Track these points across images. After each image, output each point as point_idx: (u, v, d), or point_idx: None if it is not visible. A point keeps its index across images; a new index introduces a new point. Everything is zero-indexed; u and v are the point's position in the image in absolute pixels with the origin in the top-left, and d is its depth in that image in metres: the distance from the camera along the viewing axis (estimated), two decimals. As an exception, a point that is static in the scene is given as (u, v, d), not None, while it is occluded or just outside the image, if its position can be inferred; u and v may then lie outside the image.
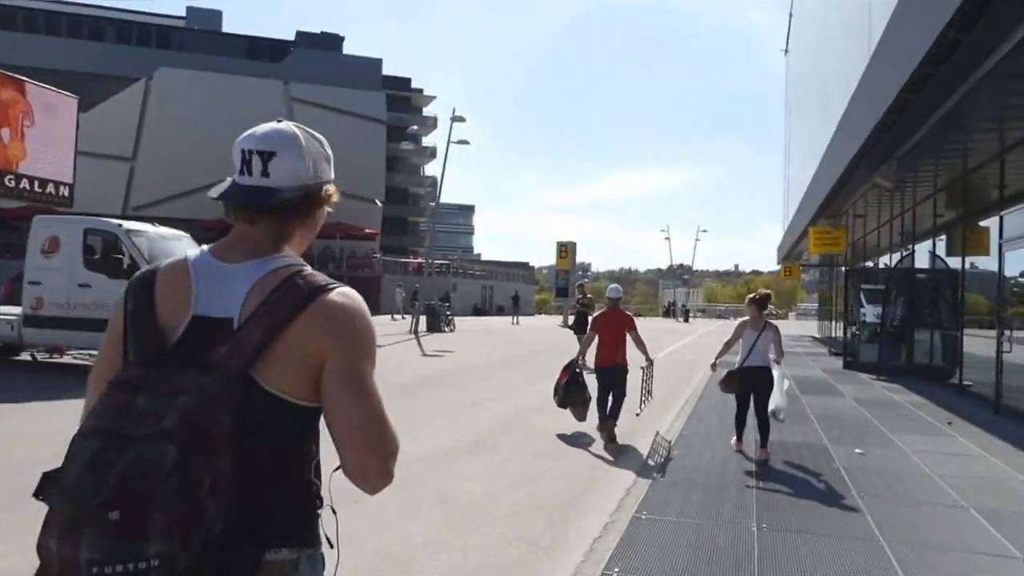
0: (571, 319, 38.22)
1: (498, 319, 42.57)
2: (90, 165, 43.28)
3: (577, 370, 8.47)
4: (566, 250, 39.69)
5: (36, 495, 1.14)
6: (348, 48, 57.62)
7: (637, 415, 9.05)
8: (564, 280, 40.17)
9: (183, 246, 12.55)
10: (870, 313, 17.47)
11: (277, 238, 1.40)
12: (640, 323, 9.13)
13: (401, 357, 16.76)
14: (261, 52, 51.83)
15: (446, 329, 27.35)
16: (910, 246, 17.41)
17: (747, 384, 7.22)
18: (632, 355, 8.36)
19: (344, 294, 1.34)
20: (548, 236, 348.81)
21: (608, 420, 8.01)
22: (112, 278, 11.22)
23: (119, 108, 43.89)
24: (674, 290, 77.04)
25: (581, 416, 8.34)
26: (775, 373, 7.13)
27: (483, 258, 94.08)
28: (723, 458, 7.18)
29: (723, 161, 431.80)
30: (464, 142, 27.69)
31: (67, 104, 15.03)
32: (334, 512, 1.40)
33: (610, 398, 8.13)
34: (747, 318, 7.38)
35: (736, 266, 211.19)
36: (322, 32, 55.62)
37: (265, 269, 1.34)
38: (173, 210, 43.76)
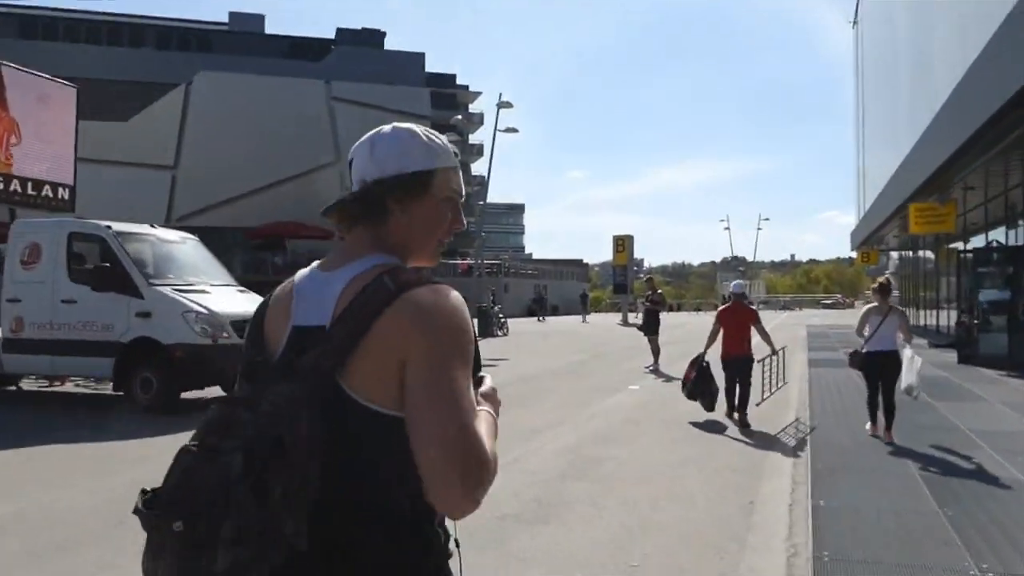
0: (632, 316, 36.85)
1: (554, 320, 40.44)
2: (132, 175, 42.70)
3: (704, 364, 8.80)
4: (623, 244, 37.30)
5: (134, 511, 1.11)
6: (390, 44, 56.16)
7: (757, 405, 9.33)
8: (622, 276, 37.80)
9: (188, 250, 10.76)
10: (989, 299, 14.87)
11: (375, 239, 1.34)
12: (699, 318, 9.50)
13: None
14: (302, 52, 50.72)
15: (499, 333, 25.37)
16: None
17: (875, 368, 7.39)
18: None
19: (434, 290, 1.22)
20: (598, 233, 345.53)
21: (739, 409, 8.55)
22: (97, 291, 9.45)
23: (159, 116, 43.11)
24: (734, 282, 73.64)
25: (710, 407, 8.76)
26: (906, 353, 7.25)
27: (534, 257, 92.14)
28: (863, 442, 7.30)
29: (774, 151, 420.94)
30: (512, 130, 25.70)
31: (64, 94, 13.38)
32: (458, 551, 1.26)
33: (737, 387, 8.64)
34: (873, 304, 7.53)
35: (792, 256, 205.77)
36: (363, 28, 54.27)
37: (358, 270, 1.27)
38: (217, 219, 42.84)
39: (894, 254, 37.05)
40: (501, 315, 26.53)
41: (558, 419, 8.76)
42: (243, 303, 10.01)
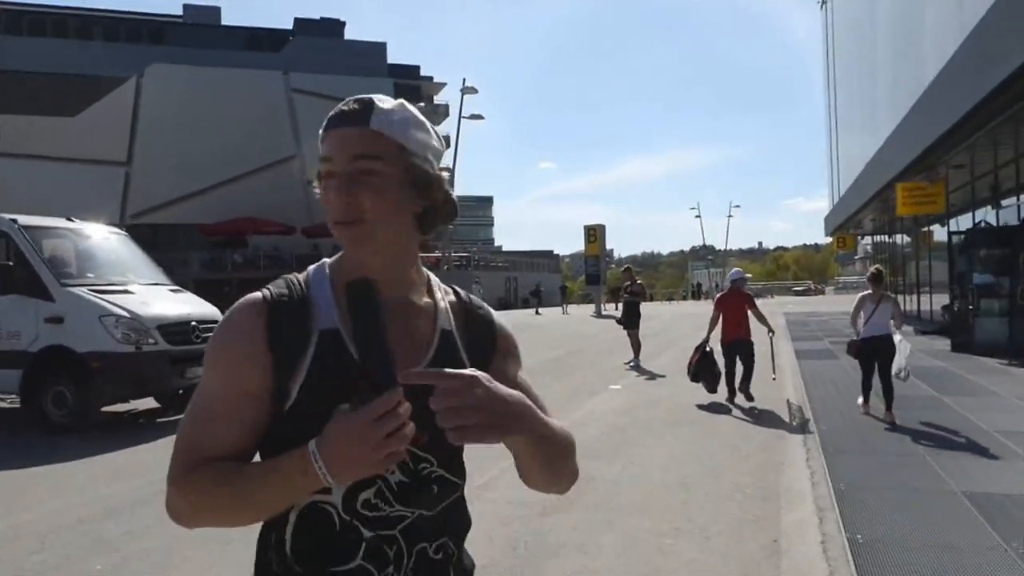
0: (604, 307, 35.96)
1: (522, 313, 39.41)
2: (84, 172, 40.82)
3: (708, 349, 9.16)
4: (595, 234, 36.29)
5: None
6: (350, 34, 54.54)
7: (773, 379, 9.71)
8: (594, 266, 36.81)
9: (112, 246, 9.53)
10: (983, 282, 14.11)
11: None
12: (673, 308, 9.21)
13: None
14: (260, 43, 48.90)
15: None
16: (1015, 199, 14.10)
17: (871, 352, 7.68)
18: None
19: None
20: (568, 224, 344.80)
21: (743, 387, 9.05)
22: (-1, 294, 8.17)
23: (110, 110, 41.21)
24: (708, 270, 73.19)
25: (712, 388, 9.18)
26: (896, 339, 7.58)
27: (504, 249, 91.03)
28: (861, 423, 7.47)
29: (739, 138, 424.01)
30: (478, 116, 24.58)
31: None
32: None
33: (740, 368, 9.13)
34: (867, 292, 7.81)
35: (760, 243, 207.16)
36: (322, 18, 52.57)
37: None
38: (174, 215, 41.13)
39: (867, 238, 36.55)
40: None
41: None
42: (175, 304, 8.81)
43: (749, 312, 9.18)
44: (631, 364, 13.07)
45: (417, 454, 1.12)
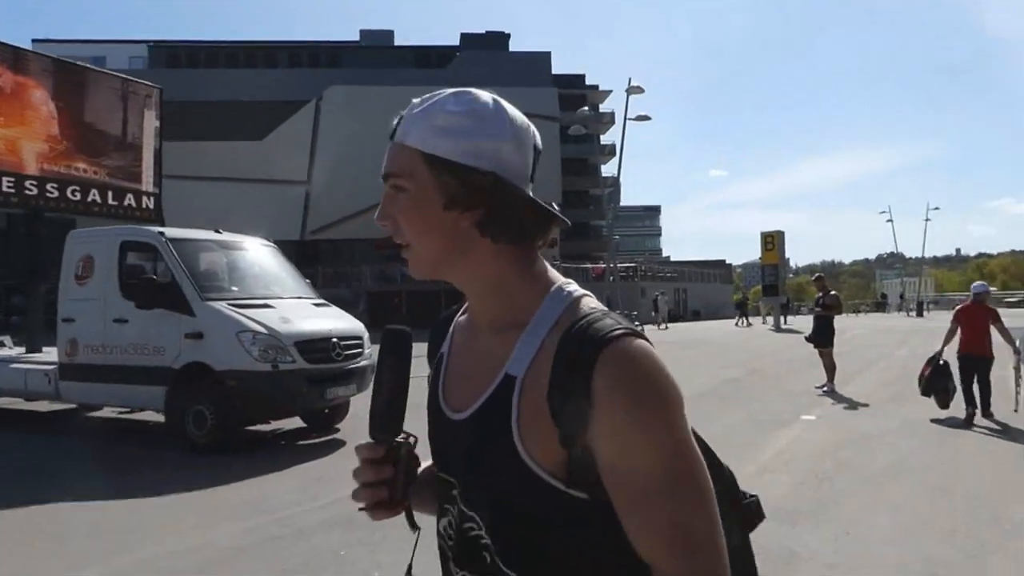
0: (784, 321, 33.18)
1: (698, 326, 37.27)
2: (270, 192, 43.70)
3: (941, 362, 8.71)
4: (773, 241, 33.60)
5: None
6: (515, 46, 54.91)
7: (1015, 411, 8.74)
8: (772, 275, 34.04)
9: (257, 258, 9.21)
10: None
11: None
12: (861, 321, 7.38)
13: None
14: (428, 60, 50.37)
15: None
16: None
17: None
18: None
19: None
20: (740, 233, 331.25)
21: (983, 407, 8.44)
22: (141, 307, 7.97)
23: (292, 132, 43.85)
24: (902, 280, 66.55)
25: (944, 404, 8.65)
26: None
27: (672, 260, 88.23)
28: None
29: (929, 138, 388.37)
30: (645, 117, 23.20)
31: (146, 95, 12.28)
32: None
33: (977, 389, 8.52)
34: None
35: (958, 250, 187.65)
36: (487, 32, 53.30)
37: None
38: (349, 231, 42.97)
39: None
40: (637, 323, 23.99)
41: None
42: (316, 320, 8.27)
43: (992, 328, 8.64)
44: (824, 389, 11.23)
45: (464, 512, 1.01)
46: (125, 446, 8.52)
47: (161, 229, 8.54)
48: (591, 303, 0.98)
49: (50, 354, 9.57)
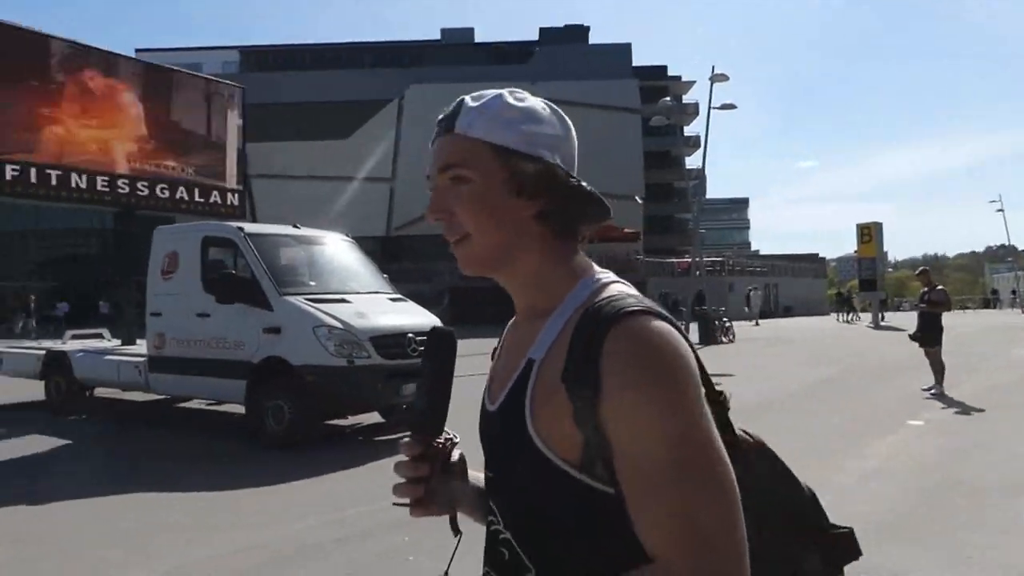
0: (883, 317, 31.50)
1: (790, 321, 35.89)
2: (356, 189, 44.62)
3: None
4: (870, 232, 31.99)
5: None
6: (595, 38, 54.29)
7: None
8: (869, 269, 32.41)
9: (334, 252, 9.20)
10: None
11: None
12: (969, 318, 6.30)
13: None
14: (508, 56, 50.32)
15: (724, 339, 22.11)
16: None
17: None
18: None
19: None
20: (831, 226, 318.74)
21: None
22: (221, 302, 8.04)
23: (376, 131, 44.56)
24: (1016, 274, 62.34)
25: None
26: None
27: (761, 253, 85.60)
28: None
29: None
30: (730, 106, 22.37)
31: (229, 95, 12.52)
32: None
33: None
34: None
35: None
36: (565, 26, 52.80)
37: None
38: (434, 227, 42.89)
39: None
40: (726, 319, 23.18)
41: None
42: (391, 315, 8.16)
43: None
44: (932, 391, 10.43)
45: (492, 508, 1.03)
46: (206, 438, 8.65)
47: (240, 224, 8.63)
48: (619, 287, 0.97)
49: (141, 347, 9.85)
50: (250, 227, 8.57)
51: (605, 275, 1.00)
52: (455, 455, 1.09)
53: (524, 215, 0.98)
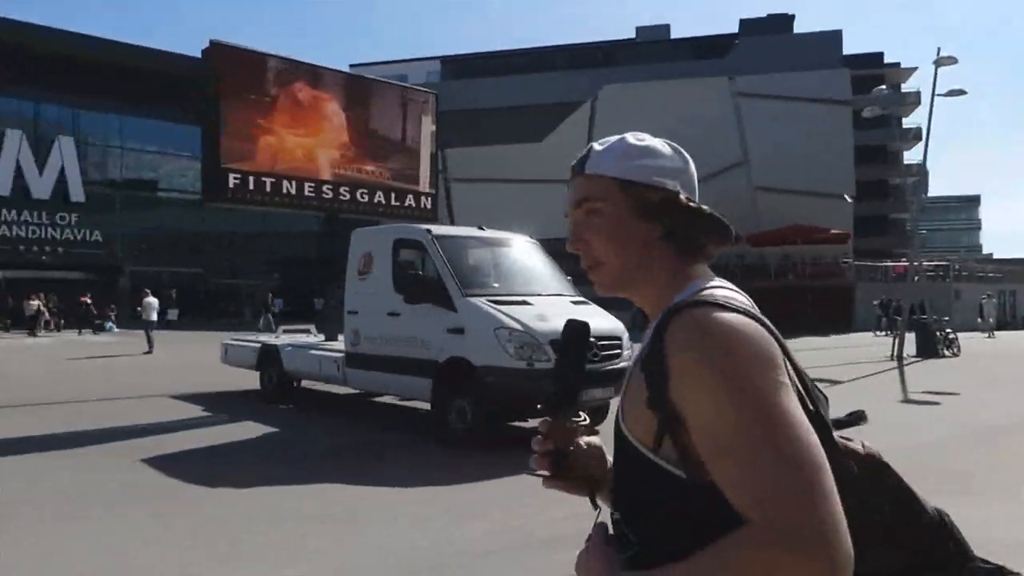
0: None
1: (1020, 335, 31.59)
2: (547, 192, 45.12)
3: None
4: None
5: None
6: (800, 27, 51.00)
7: None
8: None
9: (518, 254, 9.19)
10: None
11: None
12: None
13: (870, 400, 10.99)
14: (706, 51, 48.61)
15: (946, 353, 19.80)
16: None
17: None
18: None
19: None
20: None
21: None
22: (409, 303, 8.27)
23: (569, 133, 44.78)
24: None
25: None
26: None
27: (995, 257, 76.41)
28: None
29: None
30: (958, 92, 20.00)
31: (423, 101, 13.00)
32: None
33: None
34: None
35: None
36: (768, 15, 50.08)
37: None
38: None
39: None
40: (949, 330, 20.75)
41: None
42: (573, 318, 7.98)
43: None
44: None
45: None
46: (394, 433, 8.96)
47: (429, 227, 8.85)
48: (714, 290, 1.05)
49: (342, 343, 10.45)
50: (437, 229, 8.78)
51: (711, 281, 1.08)
52: (594, 440, 1.23)
53: (650, 238, 1.11)
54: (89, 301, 29.26)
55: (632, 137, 1.15)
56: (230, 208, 14.81)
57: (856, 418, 1.09)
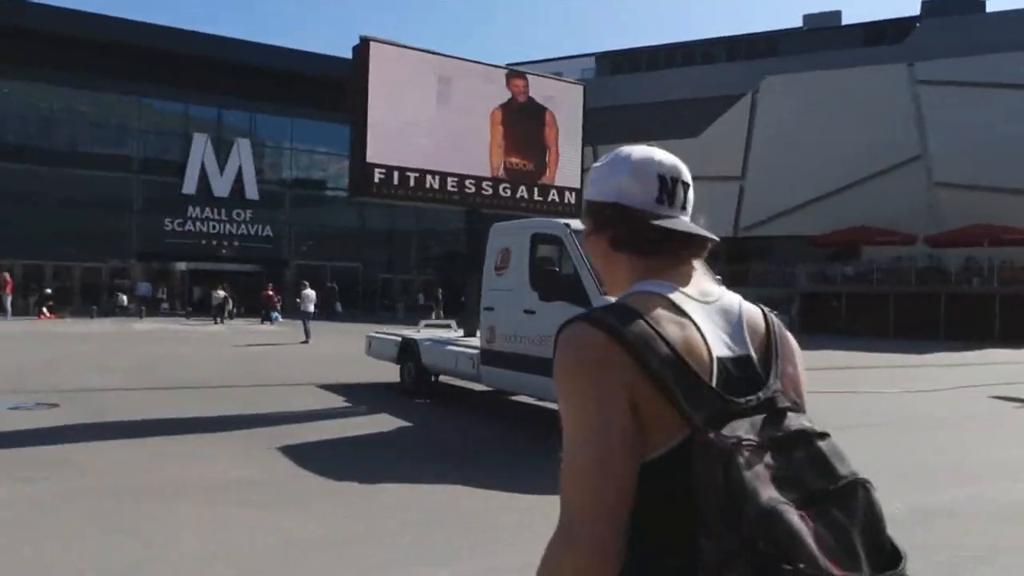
0: None
1: None
2: (704, 188, 43.20)
3: None
4: None
5: None
6: (994, 5, 46.06)
7: None
8: None
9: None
10: None
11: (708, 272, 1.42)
12: None
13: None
14: (881, 36, 45.01)
15: None
16: None
17: None
18: None
19: None
20: None
21: None
22: (543, 300, 7.92)
23: (727, 127, 43.00)
24: None
25: None
26: None
27: None
28: None
29: None
30: None
31: (571, 93, 12.63)
32: None
33: None
34: None
35: None
36: (957, -6, 45.52)
37: (739, 300, 1.33)
38: (785, 227, 40.62)
39: None
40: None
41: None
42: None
43: None
44: None
45: None
46: (530, 433, 8.66)
47: (567, 221, 8.47)
48: (626, 298, 1.24)
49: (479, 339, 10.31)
50: (577, 224, 8.36)
51: (635, 288, 1.26)
52: None
53: (602, 245, 1.33)
54: (272, 293, 31.24)
55: (604, 158, 1.34)
56: (384, 203, 15.11)
57: None
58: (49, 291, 31.74)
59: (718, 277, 5.82)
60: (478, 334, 10.75)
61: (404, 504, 5.44)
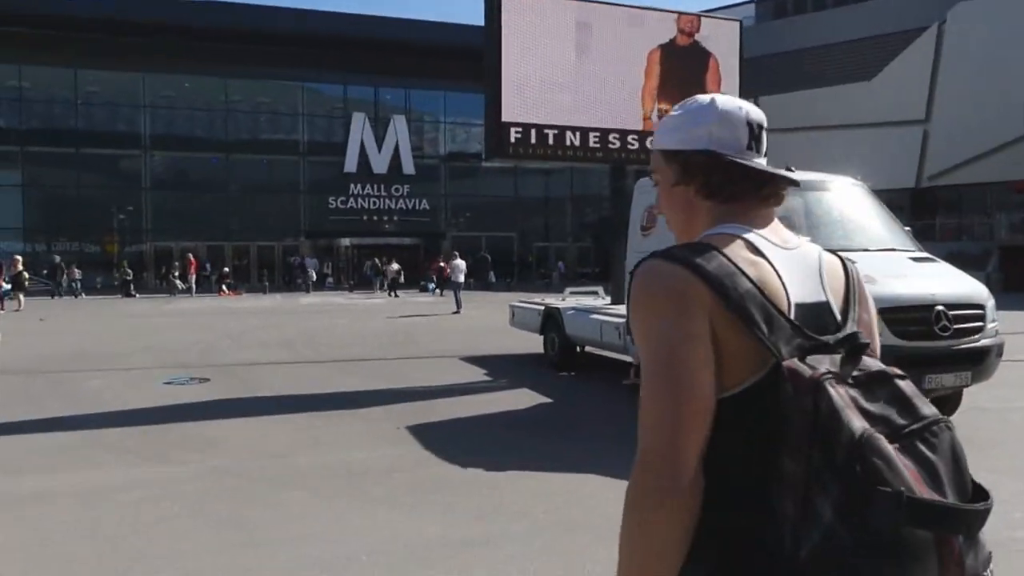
0: None
1: None
2: (879, 136, 39.55)
3: None
4: None
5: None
6: None
7: None
8: None
9: (844, 201, 7.48)
10: None
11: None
12: None
13: None
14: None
15: None
16: None
17: None
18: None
19: None
20: None
21: None
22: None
23: (907, 66, 38.77)
24: None
25: None
26: None
27: None
28: None
29: None
30: None
31: (726, 31, 11.33)
32: None
33: None
34: None
35: None
36: None
37: (819, 251, 1.30)
38: (978, 174, 36.22)
39: None
40: None
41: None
42: (914, 280, 6.13)
43: None
44: None
45: None
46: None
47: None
48: (707, 237, 1.22)
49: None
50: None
51: (719, 228, 1.24)
52: None
53: (689, 196, 1.30)
54: (443, 264, 31.89)
55: (675, 110, 1.34)
56: (520, 165, 14.43)
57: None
58: (227, 269, 34.10)
59: (908, 228, 4.73)
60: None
61: (535, 500, 4.81)
